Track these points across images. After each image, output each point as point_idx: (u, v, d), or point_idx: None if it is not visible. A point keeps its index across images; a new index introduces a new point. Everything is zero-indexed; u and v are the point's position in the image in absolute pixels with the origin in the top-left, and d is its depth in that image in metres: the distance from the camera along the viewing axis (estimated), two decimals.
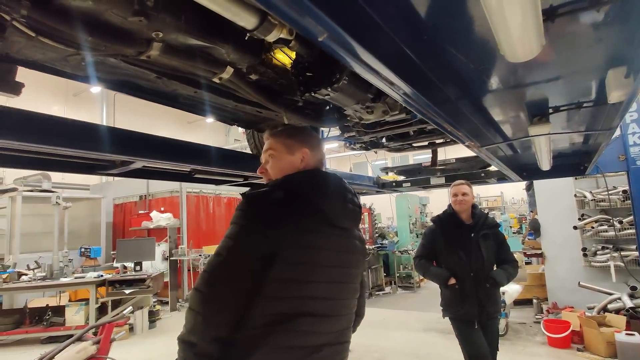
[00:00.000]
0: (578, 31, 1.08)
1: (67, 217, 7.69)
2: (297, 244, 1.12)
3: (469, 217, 2.91)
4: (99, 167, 2.14)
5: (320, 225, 1.19)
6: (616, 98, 1.33)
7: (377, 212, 10.82)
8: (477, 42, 1.10)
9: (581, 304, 5.38)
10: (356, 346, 5.17)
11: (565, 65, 1.33)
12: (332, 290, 1.21)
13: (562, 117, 1.93)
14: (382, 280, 9.21)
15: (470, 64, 1.26)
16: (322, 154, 1.42)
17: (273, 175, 1.32)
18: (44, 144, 1.57)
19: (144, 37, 1.39)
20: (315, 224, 1.18)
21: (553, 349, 4.74)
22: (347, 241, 1.29)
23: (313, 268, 1.15)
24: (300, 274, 1.12)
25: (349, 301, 1.31)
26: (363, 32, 0.81)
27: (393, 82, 1.01)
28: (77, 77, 1.72)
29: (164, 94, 2.04)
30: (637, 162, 3.34)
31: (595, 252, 5.55)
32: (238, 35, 1.58)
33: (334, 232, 1.23)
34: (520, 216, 12.93)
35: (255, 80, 1.91)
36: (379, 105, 2.26)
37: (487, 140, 2.10)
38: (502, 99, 1.68)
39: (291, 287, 1.11)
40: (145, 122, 11.14)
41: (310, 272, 1.15)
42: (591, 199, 5.50)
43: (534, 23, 0.85)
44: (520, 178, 3.68)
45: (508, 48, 0.95)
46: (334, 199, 1.26)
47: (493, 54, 1.00)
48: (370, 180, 4.24)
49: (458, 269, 2.81)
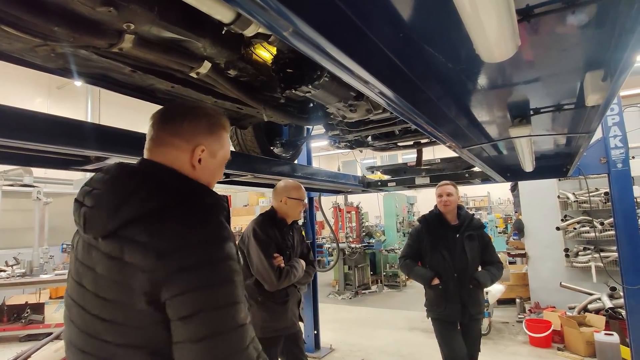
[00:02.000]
0: (555, 32, 1.07)
1: (48, 212, 7.52)
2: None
3: (455, 218, 2.93)
4: (73, 163, 2.07)
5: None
6: (593, 101, 1.32)
7: (365, 210, 10.83)
8: (454, 41, 1.08)
9: (563, 304, 5.47)
10: (340, 345, 5.17)
11: (543, 67, 1.32)
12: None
13: (544, 119, 1.94)
14: (368, 278, 9.24)
15: (449, 64, 1.24)
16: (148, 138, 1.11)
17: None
18: (12, 138, 1.51)
19: (115, 28, 1.34)
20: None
21: (534, 348, 4.80)
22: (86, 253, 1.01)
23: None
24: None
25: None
26: (332, 27, 0.78)
27: (367, 81, 0.98)
28: (48, 69, 1.65)
29: (141, 88, 1.98)
30: (618, 164, 3.38)
31: (577, 252, 5.64)
32: (215, 29, 1.54)
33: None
34: (506, 216, 13.08)
35: (234, 76, 1.87)
36: (362, 104, 2.24)
37: (469, 141, 2.10)
38: (483, 100, 1.67)
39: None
40: (132, 117, 10.89)
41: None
42: (574, 200, 5.59)
43: (508, 23, 0.83)
44: (504, 179, 3.70)
45: (483, 48, 0.93)
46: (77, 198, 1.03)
47: (471, 53, 0.98)
48: (356, 179, 4.22)
49: (442, 269, 2.82)
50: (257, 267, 2.36)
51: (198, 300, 0.87)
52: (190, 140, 1.06)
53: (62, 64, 1.60)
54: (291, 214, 2.59)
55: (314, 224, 5.44)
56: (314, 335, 5.00)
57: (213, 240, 0.94)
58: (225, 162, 1.18)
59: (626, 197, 3.36)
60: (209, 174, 1.11)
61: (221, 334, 0.88)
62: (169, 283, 0.87)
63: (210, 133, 1.10)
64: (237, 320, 0.91)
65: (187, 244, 0.91)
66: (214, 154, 1.11)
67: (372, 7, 0.93)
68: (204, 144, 1.08)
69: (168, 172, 1.03)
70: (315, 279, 5.18)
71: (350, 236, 9.40)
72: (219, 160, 1.14)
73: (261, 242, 2.38)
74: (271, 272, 2.32)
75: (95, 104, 11.06)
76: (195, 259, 0.90)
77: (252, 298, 2.42)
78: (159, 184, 1.00)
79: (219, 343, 0.87)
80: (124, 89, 1.98)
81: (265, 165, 2.73)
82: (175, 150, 1.05)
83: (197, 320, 0.86)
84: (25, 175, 7.96)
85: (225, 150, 1.16)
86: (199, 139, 1.07)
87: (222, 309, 0.89)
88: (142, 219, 0.93)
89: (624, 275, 3.34)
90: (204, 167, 1.08)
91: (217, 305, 0.89)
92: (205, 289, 0.89)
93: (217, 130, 1.12)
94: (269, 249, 2.38)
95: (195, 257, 0.90)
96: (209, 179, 1.12)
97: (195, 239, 0.92)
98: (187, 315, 0.86)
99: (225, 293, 0.91)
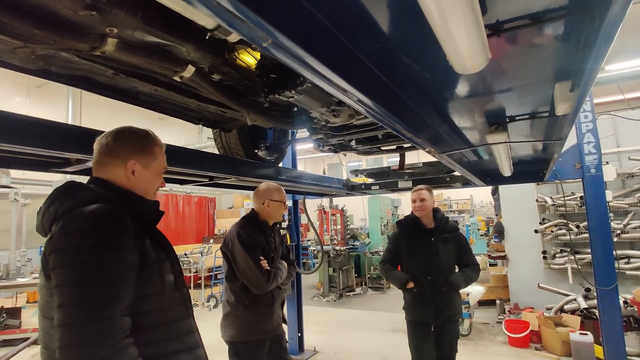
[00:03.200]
0: (525, 46, 1.12)
1: (26, 214, 7.33)
2: None
3: (431, 221, 2.96)
4: (52, 165, 2.05)
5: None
6: (562, 110, 1.39)
7: (350, 213, 10.89)
8: (430, 52, 1.13)
9: (540, 305, 5.62)
10: (324, 347, 5.19)
11: (516, 77, 1.38)
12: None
13: (519, 126, 2.01)
14: (352, 281, 9.29)
15: (426, 74, 1.28)
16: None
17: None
18: None
19: (97, 32, 1.34)
20: None
21: (513, 348, 4.91)
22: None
23: None
24: None
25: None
26: (310, 38, 0.81)
27: (346, 89, 1.02)
28: (28, 70, 1.64)
29: (124, 90, 1.98)
30: (592, 170, 3.50)
31: (555, 255, 5.80)
32: (199, 35, 1.55)
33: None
34: (487, 219, 13.35)
35: (218, 80, 1.88)
36: (345, 109, 2.28)
37: (448, 146, 2.16)
38: (461, 108, 1.73)
39: None
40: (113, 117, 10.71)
41: None
42: (551, 204, 5.75)
43: (477, 37, 0.87)
44: (484, 183, 3.79)
45: (456, 60, 0.98)
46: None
47: (446, 64, 1.02)
48: (340, 182, 4.26)
49: (417, 272, 2.86)
50: (243, 270, 2.35)
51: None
52: (123, 157, 1.28)
53: (42, 65, 1.58)
54: (273, 215, 2.60)
55: (299, 227, 5.46)
56: (298, 337, 5.01)
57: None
58: (161, 172, 1.39)
59: (599, 202, 3.48)
60: (144, 183, 1.32)
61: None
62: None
63: (140, 149, 1.32)
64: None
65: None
66: (147, 165, 1.32)
67: (351, 19, 0.96)
68: (135, 159, 1.29)
69: (98, 182, 1.26)
70: (299, 281, 5.19)
71: (335, 238, 9.44)
72: (152, 171, 1.35)
73: (247, 246, 2.38)
74: (260, 275, 2.32)
75: (77, 103, 10.85)
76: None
77: (239, 302, 2.42)
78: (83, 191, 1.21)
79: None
80: (106, 91, 1.97)
81: (249, 168, 2.74)
82: (112, 167, 1.28)
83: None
84: (3, 176, 7.73)
85: (158, 162, 1.37)
86: (131, 155, 1.29)
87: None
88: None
89: (597, 276, 3.46)
90: (137, 178, 1.30)
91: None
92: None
93: (147, 146, 1.34)
94: (255, 252, 2.38)
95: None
96: (146, 186, 1.34)
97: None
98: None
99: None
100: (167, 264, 1.26)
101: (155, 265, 1.20)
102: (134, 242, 1.14)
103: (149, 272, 1.17)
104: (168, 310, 1.22)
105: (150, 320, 1.17)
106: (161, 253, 1.25)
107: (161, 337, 1.19)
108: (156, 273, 1.20)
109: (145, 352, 1.10)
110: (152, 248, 1.21)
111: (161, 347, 1.18)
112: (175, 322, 1.24)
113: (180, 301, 1.28)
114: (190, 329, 1.30)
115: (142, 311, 1.15)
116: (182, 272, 1.42)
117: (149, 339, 1.15)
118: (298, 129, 2.97)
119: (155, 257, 1.21)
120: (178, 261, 1.35)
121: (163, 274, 1.23)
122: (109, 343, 1.01)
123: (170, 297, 1.23)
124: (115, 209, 1.16)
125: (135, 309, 1.11)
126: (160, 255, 1.24)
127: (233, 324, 2.43)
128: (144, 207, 1.29)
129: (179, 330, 1.25)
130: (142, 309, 1.15)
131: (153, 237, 1.25)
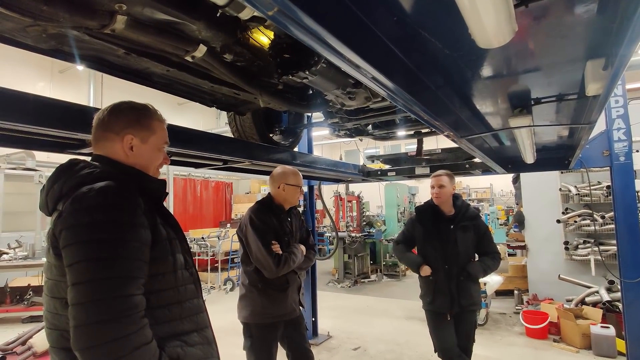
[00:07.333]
0: (554, 19, 1.03)
1: None
2: None
3: (450, 209, 2.87)
4: (68, 147, 2.06)
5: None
6: (594, 91, 1.29)
7: (366, 200, 10.82)
8: (449, 25, 1.05)
9: (560, 296, 5.48)
10: (338, 332, 5.22)
11: (544, 55, 1.29)
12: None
13: (545, 109, 1.90)
14: (368, 268, 9.29)
15: (446, 50, 1.21)
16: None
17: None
18: (6, 120, 1.50)
19: (106, 9, 1.32)
20: None
21: (530, 339, 4.82)
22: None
23: None
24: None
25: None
26: (320, 6, 0.75)
27: (359, 65, 0.96)
28: (40, 50, 1.63)
29: (136, 71, 1.96)
30: (621, 158, 3.34)
31: (577, 245, 5.63)
32: (210, 12, 1.51)
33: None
34: (507, 208, 13.04)
35: (230, 60, 1.84)
36: (361, 92, 2.21)
37: (468, 130, 2.07)
38: (482, 89, 1.64)
39: None
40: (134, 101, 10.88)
41: None
42: (575, 193, 5.55)
43: (503, 7, 0.80)
44: (505, 170, 3.67)
45: (479, 33, 0.90)
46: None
47: (468, 39, 0.95)
48: (356, 168, 4.20)
49: (432, 260, 2.79)
50: (255, 254, 2.36)
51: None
52: (119, 131, 1.23)
53: (54, 45, 1.58)
54: (289, 200, 2.57)
55: (314, 213, 5.44)
56: (312, 322, 5.04)
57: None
58: (161, 147, 1.32)
59: (627, 191, 3.33)
60: (144, 159, 1.27)
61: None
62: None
63: (137, 122, 1.25)
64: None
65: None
66: (144, 140, 1.26)
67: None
68: (132, 133, 1.23)
69: (101, 159, 1.21)
70: (314, 267, 5.20)
71: (351, 225, 9.41)
72: (151, 146, 1.28)
73: (258, 230, 2.37)
74: (269, 260, 2.32)
75: (98, 88, 11.02)
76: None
77: (253, 285, 2.43)
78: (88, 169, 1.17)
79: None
80: (119, 72, 1.96)
81: (262, 152, 2.72)
82: (109, 142, 1.23)
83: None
84: (28, 159, 7.99)
85: (158, 136, 1.30)
86: (127, 129, 1.23)
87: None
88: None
89: (622, 268, 3.33)
90: (136, 154, 1.24)
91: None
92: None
93: (144, 120, 1.27)
94: (266, 237, 2.37)
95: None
96: (146, 162, 1.28)
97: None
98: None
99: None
100: (177, 242, 1.24)
101: (166, 243, 1.18)
102: (145, 219, 1.12)
103: (161, 250, 1.15)
104: (180, 289, 1.21)
105: (164, 299, 1.16)
106: (170, 232, 1.23)
107: (174, 316, 1.17)
108: (168, 251, 1.18)
109: (159, 331, 1.09)
110: (162, 226, 1.20)
111: (174, 326, 1.17)
112: (187, 301, 1.23)
113: (190, 280, 1.26)
114: (200, 309, 1.29)
115: (156, 289, 1.13)
116: (191, 251, 1.40)
117: (163, 318, 1.14)
118: (313, 112, 2.92)
119: (165, 235, 1.19)
120: (186, 240, 1.32)
121: (174, 253, 1.21)
122: (127, 322, 0.99)
123: (182, 276, 1.22)
124: (125, 186, 1.13)
125: (148, 287, 1.10)
126: (170, 233, 1.22)
127: (247, 306, 2.45)
128: (150, 185, 1.25)
129: (191, 310, 1.23)
130: (156, 287, 1.13)
131: (162, 216, 1.24)
